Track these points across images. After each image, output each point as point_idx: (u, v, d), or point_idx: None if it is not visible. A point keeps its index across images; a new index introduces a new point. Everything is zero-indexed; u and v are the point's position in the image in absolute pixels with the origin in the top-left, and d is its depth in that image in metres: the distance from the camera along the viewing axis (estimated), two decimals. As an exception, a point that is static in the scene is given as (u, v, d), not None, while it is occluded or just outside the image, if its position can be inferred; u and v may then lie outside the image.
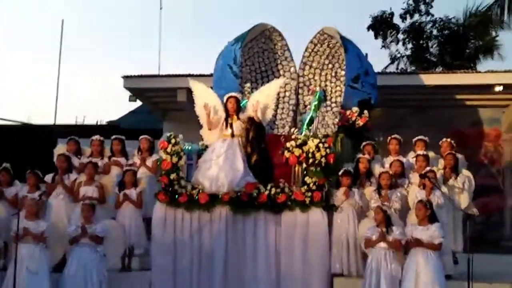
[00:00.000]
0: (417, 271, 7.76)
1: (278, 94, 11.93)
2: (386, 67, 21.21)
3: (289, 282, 8.41)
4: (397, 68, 21.32)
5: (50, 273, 8.26)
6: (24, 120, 18.63)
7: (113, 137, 9.78)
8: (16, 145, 15.36)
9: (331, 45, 12.01)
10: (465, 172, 9.17)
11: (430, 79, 13.60)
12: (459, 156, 9.39)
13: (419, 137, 9.70)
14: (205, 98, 9.24)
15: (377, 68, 15.58)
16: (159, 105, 15.45)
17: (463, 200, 9.02)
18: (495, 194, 14.57)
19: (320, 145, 8.61)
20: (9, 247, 8.50)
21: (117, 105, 49.49)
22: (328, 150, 8.62)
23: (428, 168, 8.74)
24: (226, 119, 9.03)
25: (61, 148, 9.63)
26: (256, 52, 12.22)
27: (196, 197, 8.59)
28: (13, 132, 16.54)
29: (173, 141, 8.76)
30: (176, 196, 8.64)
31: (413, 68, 20.98)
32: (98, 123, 20.04)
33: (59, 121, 16.94)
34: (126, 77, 14.05)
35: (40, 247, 8.25)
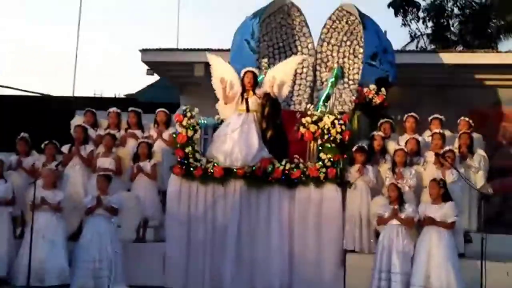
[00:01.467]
0: (429, 249, 7.79)
1: (296, 70, 11.92)
2: (406, 46, 21.05)
3: (302, 257, 8.47)
4: (416, 47, 21.15)
5: (66, 242, 8.38)
6: (43, 91, 18.74)
7: (130, 109, 9.83)
8: (35, 117, 15.46)
9: (349, 22, 11.89)
10: (480, 152, 9.12)
11: (449, 58, 13.45)
12: (476, 135, 9.36)
13: (435, 115, 9.66)
14: (222, 72, 9.25)
15: (397, 46, 15.50)
16: (177, 80, 15.44)
17: (479, 179, 8.98)
18: (513, 175, 14.45)
19: (336, 121, 8.63)
20: (26, 216, 8.60)
21: (136, 79, 49.83)
22: (343, 127, 8.63)
23: (447, 148, 8.70)
24: (242, 94, 9.04)
25: (78, 119, 9.71)
26: (274, 28, 12.12)
27: (211, 171, 8.65)
28: (32, 103, 16.65)
29: (188, 114, 8.80)
30: (191, 169, 8.70)
31: (433, 46, 20.79)
32: (116, 97, 20.12)
33: (78, 94, 17.12)
34: (143, 51, 14.05)
35: (57, 217, 8.41)
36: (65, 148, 9.25)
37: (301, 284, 8.38)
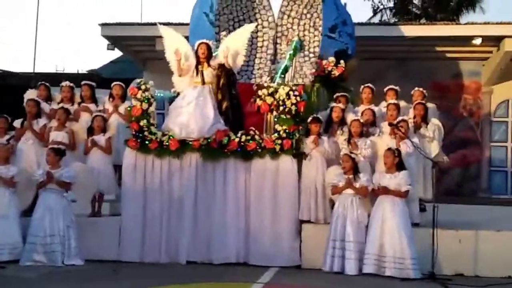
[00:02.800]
0: (383, 217, 7.85)
1: (256, 43, 11.87)
2: (369, 19, 21.09)
3: (258, 229, 8.49)
4: (380, 21, 21.18)
5: (20, 217, 8.28)
6: (2, 67, 18.46)
7: (83, 82, 9.67)
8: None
9: (309, -6, 11.84)
10: (435, 121, 9.15)
11: (409, 30, 13.60)
12: (430, 105, 9.39)
13: (390, 86, 9.66)
14: (176, 44, 9.19)
15: (361, 20, 15.52)
16: (139, 54, 15.34)
17: (433, 148, 9.03)
18: (473, 146, 14.74)
19: (291, 92, 8.60)
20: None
21: (99, 55, 49.36)
22: (298, 98, 8.60)
23: (400, 118, 8.72)
24: (196, 66, 8.97)
25: (31, 93, 9.53)
26: (234, 0, 12.03)
27: (167, 144, 8.60)
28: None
29: (143, 87, 8.71)
30: (147, 142, 8.64)
31: (395, 20, 20.84)
32: (78, 72, 19.87)
33: (39, 70, 16.89)
34: (103, 25, 13.91)
35: (10, 192, 8.27)
36: (17, 123, 9.09)
37: (258, 256, 8.39)
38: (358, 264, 7.84)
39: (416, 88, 9.61)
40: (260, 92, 8.82)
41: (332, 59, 10.94)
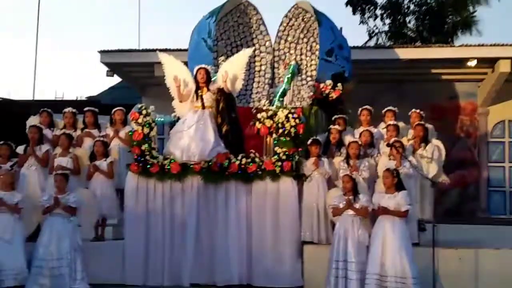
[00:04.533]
0: (383, 237, 7.88)
1: (254, 68, 12.07)
2: (365, 43, 21.30)
3: (260, 250, 8.56)
4: (376, 44, 21.41)
5: (25, 243, 8.32)
6: (2, 95, 18.58)
7: (86, 109, 9.79)
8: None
9: (305, 19, 12.06)
10: (435, 142, 9.27)
11: (405, 53, 13.74)
12: (429, 126, 9.51)
13: (388, 107, 9.81)
14: (175, 71, 9.34)
15: (357, 43, 15.71)
16: (137, 80, 15.48)
17: (432, 169, 9.11)
18: (471, 166, 14.83)
19: (290, 115, 8.73)
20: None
21: (98, 81, 49.67)
22: (297, 121, 8.73)
23: (394, 139, 8.85)
24: (196, 91, 9.12)
25: (33, 120, 9.63)
26: (232, 26, 12.24)
27: (168, 167, 8.71)
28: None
29: (144, 112, 8.84)
30: (148, 166, 8.74)
31: (391, 43, 21.08)
32: (78, 99, 20.01)
33: (38, 97, 17.01)
34: (103, 52, 14.06)
35: (15, 217, 8.30)
36: (20, 149, 9.16)
37: (260, 277, 8.47)
38: (361, 284, 7.88)
39: (413, 110, 9.72)
40: (259, 115, 8.94)
41: (329, 82, 11.12)
